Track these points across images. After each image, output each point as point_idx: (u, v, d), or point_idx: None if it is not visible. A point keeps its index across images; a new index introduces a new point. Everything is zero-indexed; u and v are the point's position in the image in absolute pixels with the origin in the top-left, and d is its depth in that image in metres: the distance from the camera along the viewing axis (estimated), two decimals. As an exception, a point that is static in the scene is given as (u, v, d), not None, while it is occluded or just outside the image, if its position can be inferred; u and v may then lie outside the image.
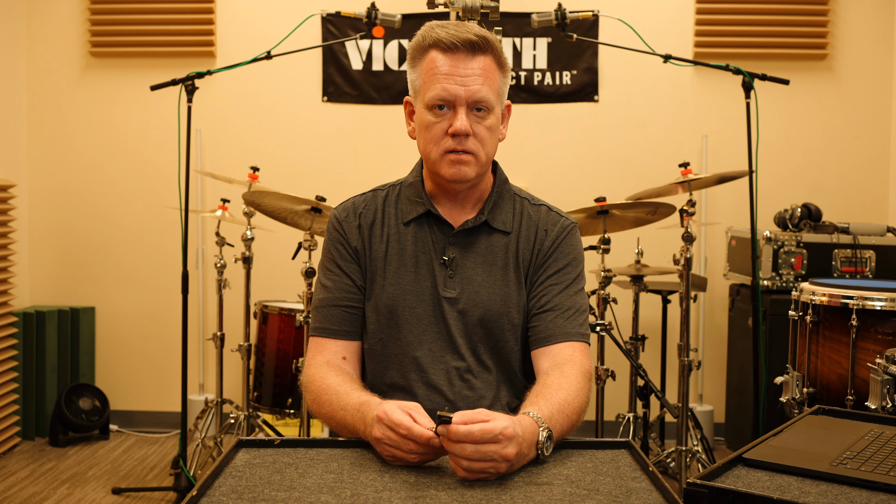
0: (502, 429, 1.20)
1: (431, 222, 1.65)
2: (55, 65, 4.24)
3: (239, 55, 3.83)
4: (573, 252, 1.66)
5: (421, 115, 1.59)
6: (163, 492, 3.35)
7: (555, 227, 1.67)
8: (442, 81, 1.53)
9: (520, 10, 4.02)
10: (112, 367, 4.32)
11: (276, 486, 1.19)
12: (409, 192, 1.68)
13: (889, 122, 4.16)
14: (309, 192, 3.02)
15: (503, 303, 1.61)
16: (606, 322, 2.96)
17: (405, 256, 1.64)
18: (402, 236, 1.65)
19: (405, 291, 1.62)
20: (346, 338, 1.64)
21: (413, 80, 1.61)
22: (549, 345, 1.59)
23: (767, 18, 4.12)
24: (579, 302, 1.64)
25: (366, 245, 1.66)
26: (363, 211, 1.68)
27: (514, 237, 1.65)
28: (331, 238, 1.69)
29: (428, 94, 1.55)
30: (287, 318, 3.37)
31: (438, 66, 1.54)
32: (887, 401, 1.92)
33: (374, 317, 1.64)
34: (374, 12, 3.06)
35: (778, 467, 1.20)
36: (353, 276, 1.65)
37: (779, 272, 3.50)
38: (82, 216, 4.28)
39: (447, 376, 1.60)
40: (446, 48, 1.54)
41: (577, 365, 1.54)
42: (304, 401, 1.62)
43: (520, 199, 1.70)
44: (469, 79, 1.53)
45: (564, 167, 4.18)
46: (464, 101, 1.54)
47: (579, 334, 1.60)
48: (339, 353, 1.63)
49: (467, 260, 1.63)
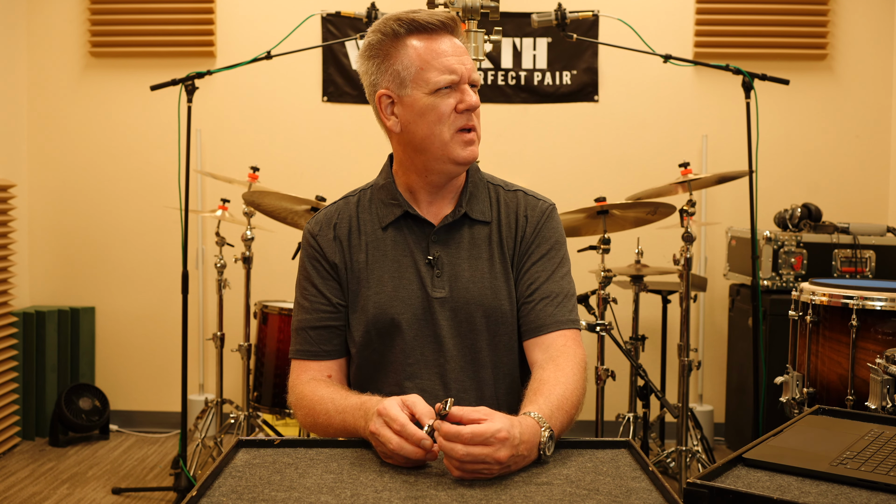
0: (495, 431, 1.19)
1: (410, 223, 1.60)
2: (55, 65, 4.24)
3: (239, 55, 3.83)
4: (555, 235, 1.64)
5: (420, 102, 1.52)
6: (163, 492, 3.35)
7: (534, 211, 1.64)
8: (446, 62, 1.51)
9: (520, 10, 4.02)
10: (112, 367, 4.32)
11: (276, 486, 1.19)
12: (381, 195, 1.63)
13: (889, 122, 4.16)
14: (309, 192, 3.02)
15: (494, 295, 1.58)
16: (606, 322, 2.96)
17: (387, 262, 1.59)
18: (382, 242, 1.60)
19: (391, 298, 1.57)
20: (327, 358, 1.61)
21: (399, 70, 1.53)
22: (541, 335, 1.57)
23: (767, 18, 4.12)
24: (566, 287, 1.62)
25: (346, 257, 1.60)
26: (337, 221, 1.63)
27: (494, 226, 1.62)
28: (306, 255, 1.63)
29: (431, 78, 1.51)
30: (287, 318, 3.36)
31: (432, 48, 1.52)
32: (887, 401, 1.92)
33: (362, 328, 1.58)
34: (374, 12, 3.07)
35: (778, 467, 1.20)
36: (331, 294, 1.60)
37: (779, 272, 3.50)
38: (82, 216, 4.28)
39: (442, 380, 1.57)
40: (432, 30, 1.53)
41: (571, 356, 1.52)
42: (297, 419, 1.59)
43: (493, 186, 1.67)
44: (464, 57, 1.54)
45: (564, 167, 4.18)
46: (466, 78, 1.53)
47: (570, 321, 1.58)
48: (324, 372, 1.61)
49: (452, 256, 1.59)
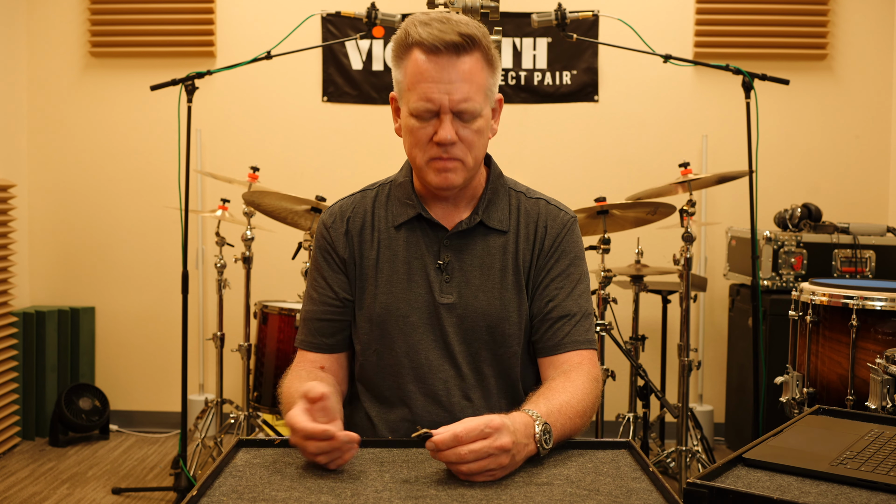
0: (487, 421, 1.20)
1: (423, 225, 1.57)
2: (55, 65, 4.24)
3: (239, 55, 3.83)
4: (575, 249, 1.59)
5: (405, 119, 1.49)
6: (163, 492, 3.35)
7: (555, 222, 1.59)
8: (425, 89, 1.43)
9: (520, 10, 4.02)
10: (112, 367, 4.32)
11: (276, 486, 1.19)
12: (398, 193, 1.60)
13: (889, 122, 4.16)
14: (309, 192, 3.02)
15: (502, 307, 1.54)
16: (606, 322, 2.96)
17: (397, 263, 1.56)
18: (394, 241, 1.57)
19: (398, 300, 1.55)
20: (327, 350, 1.61)
21: (398, 80, 1.50)
22: (557, 353, 1.54)
23: (767, 18, 4.12)
24: (584, 305, 1.57)
25: (355, 253, 1.58)
26: (351, 215, 1.61)
27: (511, 236, 1.57)
28: (318, 245, 1.62)
29: (412, 100, 1.45)
30: (287, 318, 3.36)
31: (421, 69, 1.43)
32: (887, 401, 1.92)
33: (367, 327, 1.57)
34: (374, 12, 3.06)
35: (778, 467, 1.20)
36: (338, 287, 1.59)
37: (779, 272, 3.50)
38: (82, 216, 4.28)
39: (445, 385, 1.54)
40: (429, 50, 1.42)
41: (584, 371, 1.50)
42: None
43: (515, 193, 1.62)
44: (454, 85, 1.42)
45: (564, 167, 4.18)
46: (448, 109, 1.43)
47: (587, 341, 1.55)
48: (318, 363, 1.60)
49: (463, 263, 1.55)
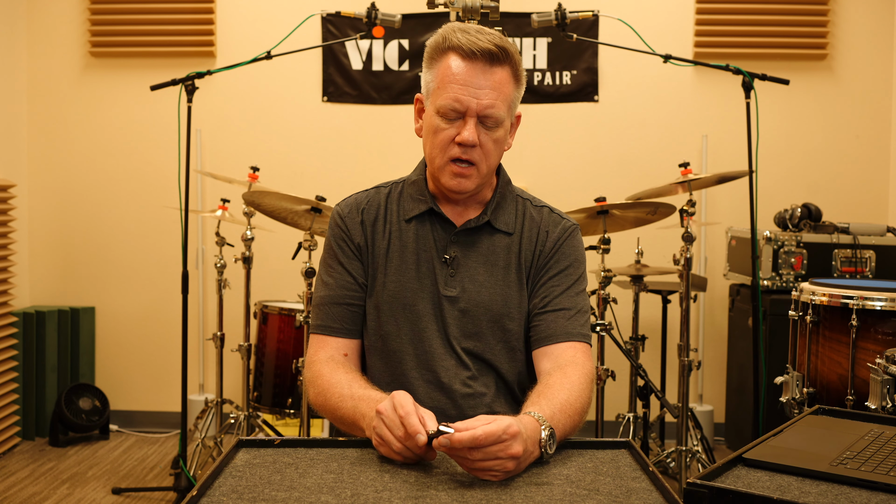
0: (506, 427, 1.21)
1: (434, 220, 1.65)
2: (55, 65, 4.24)
3: (239, 55, 3.83)
4: (575, 253, 1.67)
5: (430, 119, 1.57)
6: (163, 492, 3.35)
7: (556, 228, 1.67)
8: (455, 90, 1.51)
9: (520, 10, 4.02)
10: (112, 367, 4.32)
11: (276, 486, 1.19)
12: (411, 190, 1.67)
13: (889, 122, 4.16)
14: (309, 192, 3.02)
15: (504, 303, 1.61)
16: (606, 322, 2.96)
17: (406, 253, 1.63)
18: (404, 233, 1.64)
19: (405, 289, 1.62)
20: (346, 336, 1.65)
21: (427, 81, 1.59)
22: (550, 344, 1.59)
23: (767, 18, 4.12)
24: (581, 303, 1.64)
25: (368, 241, 1.66)
26: (366, 207, 1.68)
27: (516, 238, 1.65)
28: (333, 234, 1.68)
29: (440, 99, 1.53)
30: (287, 318, 3.37)
31: (454, 72, 1.52)
32: (887, 401, 1.92)
33: (374, 313, 1.64)
34: (374, 12, 3.06)
35: (778, 467, 1.20)
36: (355, 273, 1.65)
37: (779, 272, 3.50)
38: (82, 216, 4.28)
39: (447, 374, 1.60)
40: (465, 55, 1.52)
41: (579, 366, 1.53)
42: (306, 396, 1.61)
43: (522, 200, 1.70)
44: (483, 91, 1.51)
45: (564, 167, 4.18)
46: (474, 112, 1.52)
47: (581, 335, 1.61)
48: (341, 350, 1.64)
49: (469, 259, 1.63)
